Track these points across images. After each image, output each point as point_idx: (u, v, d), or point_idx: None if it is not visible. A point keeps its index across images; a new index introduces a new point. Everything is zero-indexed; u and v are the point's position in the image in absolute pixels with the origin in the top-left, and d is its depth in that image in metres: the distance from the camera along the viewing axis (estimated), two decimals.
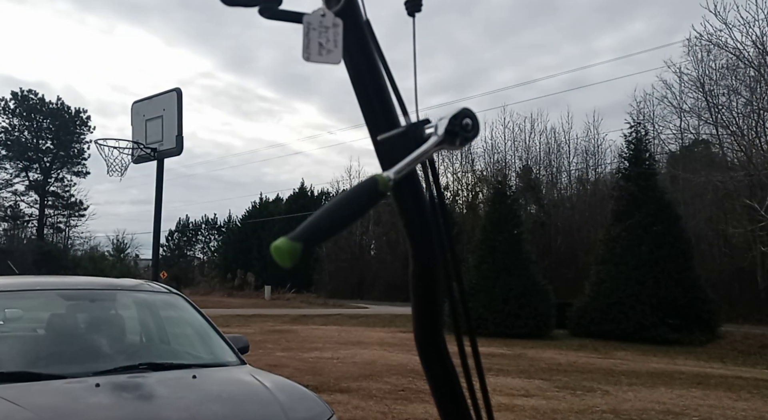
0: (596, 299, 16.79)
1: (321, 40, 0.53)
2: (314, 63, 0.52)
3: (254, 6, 0.55)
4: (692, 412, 6.93)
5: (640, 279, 16.25)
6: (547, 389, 8.17)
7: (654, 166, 18.86)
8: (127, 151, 8.16)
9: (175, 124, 7.66)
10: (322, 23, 0.53)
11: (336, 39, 0.53)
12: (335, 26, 0.53)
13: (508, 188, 20.70)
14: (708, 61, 21.54)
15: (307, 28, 0.53)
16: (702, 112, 21.95)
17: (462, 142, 0.51)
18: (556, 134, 32.64)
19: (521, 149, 32.50)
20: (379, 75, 0.57)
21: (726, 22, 19.49)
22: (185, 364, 3.41)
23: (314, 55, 0.52)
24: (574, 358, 12.00)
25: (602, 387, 8.47)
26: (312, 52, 0.52)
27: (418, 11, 0.57)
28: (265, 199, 47.61)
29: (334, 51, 0.53)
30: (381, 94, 0.57)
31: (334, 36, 0.53)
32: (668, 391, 8.36)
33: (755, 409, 7.25)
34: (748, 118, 20.36)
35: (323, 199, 43.38)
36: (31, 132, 44.16)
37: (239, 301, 31.56)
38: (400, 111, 0.57)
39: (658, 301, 15.82)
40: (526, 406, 6.90)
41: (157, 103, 7.89)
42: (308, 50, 0.52)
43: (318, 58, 0.52)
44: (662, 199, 17.27)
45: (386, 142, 0.55)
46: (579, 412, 6.76)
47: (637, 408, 7.04)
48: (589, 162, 31.49)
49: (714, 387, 8.84)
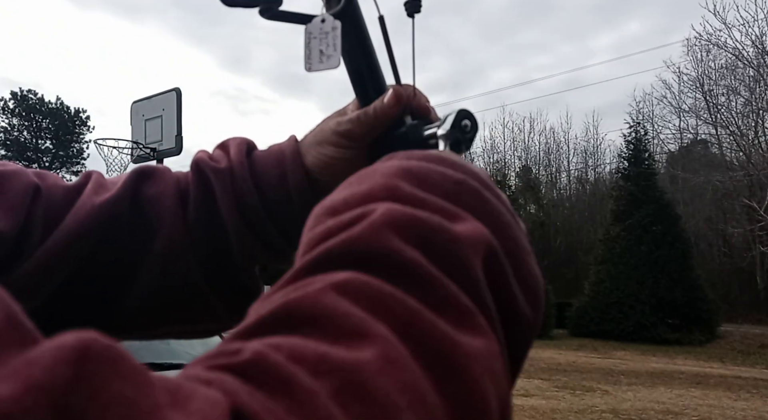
0: (596, 299, 16.82)
1: (321, 47, 0.53)
2: (315, 72, 0.53)
3: (254, 7, 0.55)
4: (691, 411, 6.94)
5: (639, 279, 16.27)
6: (546, 389, 8.17)
7: (653, 166, 18.90)
8: (126, 151, 8.16)
9: (174, 124, 7.66)
10: (322, 30, 0.54)
11: (335, 43, 0.53)
12: (334, 29, 0.54)
13: (508, 188, 20.74)
14: (707, 60, 21.57)
15: (308, 38, 0.53)
16: (701, 112, 21.98)
17: (467, 146, 0.50)
18: (555, 134, 32.64)
19: (520, 149, 32.50)
20: (379, 75, 0.57)
21: (725, 22, 19.54)
22: (185, 363, 3.41)
23: (315, 65, 0.53)
24: (573, 358, 12.01)
25: (602, 387, 8.48)
26: (314, 62, 0.53)
27: (417, 12, 0.57)
28: None
29: (333, 55, 0.53)
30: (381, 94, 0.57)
31: (333, 40, 0.53)
32: (667, 390, 8.37)
33: (754, 408, 7.26)
34: (747, 118, 20.39)
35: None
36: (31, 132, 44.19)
37: None
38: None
39: (658, 300, 15.83)
40: (525, 405, 6.91)
41: (157, 102, 7.88)
42: (310, 61, 0.53)
43: (319, 67, 0.53)
44: (661, 199, 17.29)
45: (386, 141, 0.55)
46: (578, 411, 6.76)
47: (636, 408, 7.05)
48: (588, 162, 31.52)
49: (713, 387, 8.85)
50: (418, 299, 0.26)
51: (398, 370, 0.23)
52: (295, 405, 0.21)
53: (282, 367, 0.22)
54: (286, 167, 0.59)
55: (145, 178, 0.58)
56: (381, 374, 0.22)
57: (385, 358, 0.23)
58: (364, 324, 0.24)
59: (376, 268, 0.27)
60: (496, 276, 0.30)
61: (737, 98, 20.55)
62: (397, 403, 0.22)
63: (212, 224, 0.57)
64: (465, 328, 0.26)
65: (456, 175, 0.34)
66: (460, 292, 0.27)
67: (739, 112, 20.51)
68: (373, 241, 0.28)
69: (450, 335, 0.25)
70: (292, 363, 0.22)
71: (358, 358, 0.23)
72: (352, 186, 0.34)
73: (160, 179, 0.58)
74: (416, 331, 0.25)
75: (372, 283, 0.26)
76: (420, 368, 0.24)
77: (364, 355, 0.23)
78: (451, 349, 0.25)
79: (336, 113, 0.60)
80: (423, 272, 0.27)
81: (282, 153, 0.60)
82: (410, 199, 0.31)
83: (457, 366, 0.25)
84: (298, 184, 0.58)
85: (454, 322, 0.26)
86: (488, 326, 0.28)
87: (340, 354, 0.23)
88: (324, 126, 0.60)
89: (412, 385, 0.23)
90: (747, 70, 19.69)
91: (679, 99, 23.47)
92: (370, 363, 0.22)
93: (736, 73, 20.23)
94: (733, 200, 20.32)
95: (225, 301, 0.59)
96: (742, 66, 19.73)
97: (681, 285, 16.06)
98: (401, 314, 0.25)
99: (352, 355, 0.23)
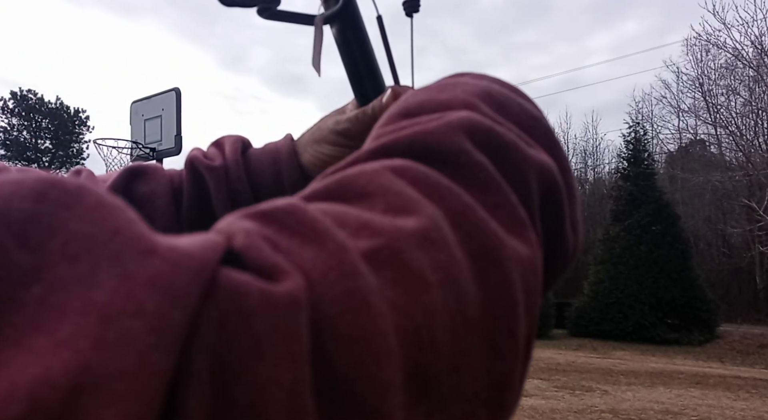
0: (595, 299, 16.81)
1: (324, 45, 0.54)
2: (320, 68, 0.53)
3: (252, 7, 0.55)
4: (691, 411, 6.94)
5: (638, 279, 16.27)
6: (545, 389, 8.17)
7: (653, 166, 18.87)
8: (125, 151, 8.16)
9: (173, 124, 7.66)
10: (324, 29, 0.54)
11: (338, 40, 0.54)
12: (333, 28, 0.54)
13: None
14: (707, 60, 21.58)
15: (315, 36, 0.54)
16: (701, 112, 21.98)
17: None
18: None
19: None
20: (377, 75, 0.57)
21: (725, 22, 19.55)
22: None
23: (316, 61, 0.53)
24: (572, 358, 12.01)
25: (601, 387, 8.48)
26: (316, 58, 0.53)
27: (416, 12, 0.57)
28: None
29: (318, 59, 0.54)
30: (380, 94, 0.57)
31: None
32: (667, 390, 8.37)
33: (754, 408, 7.26)
34: (746, 118, 20.38)
35: None
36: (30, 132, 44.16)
37: None
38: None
39: (657, 300, 15.84)
40: (524, 405, 6.91)
41: (156, 102, 7.88)
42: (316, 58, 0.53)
43: (317, 63, 0.53)
44: (661, 199, 17.28)
45: None
46: (578, 411, 6.76)
47: (635, 408, 7.05)
48: (587, 162, 31.52)
49: (713, 387, 8.85)
50: (476, 198, 0.26)
51: (437, 249, 0.23)
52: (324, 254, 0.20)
53: (319, 222, 0.21)
54: (282, 165, 0.58)
55: (137, 177, 0.58)
56: (419, 248, 0.22)
57: (426, 236, 0.23)
58: (416, 203, 0.24)
59: (442, 164, 0.27)
60: (554, 207, 0.31)
61: (736, 98, 20.56)
62: (427, 277, 0.22)
63: (206, 222, 0.56)
64: (515, 235, 0.26)
65: (534, 111, 0.34)
66: (519, 204, 0.28)
67: (738, 112, 20.52)
68: (446, 138, 0.28)
69: (500, 235, 0.25)
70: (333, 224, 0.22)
71: (399, 228, 0.23)
72: (431, 92, 0.33)
73: (152, 177, 0.58)
74: (468, 222, 0.25)
75: (431, 173, 0.26)
76: (463, 255, 0.24)
77: (408, 227, 0.23)
78: (498, 247, 0.25)
79: (335, 112, 0.60)
80: (488, 177, 0.27)
81: (277, 151, 0.60)
82: (488, 116, 0.31)
83: (499, 264, 0.25)
84: (294, 182, 0.58)
85: (508, 226, 0.26)
86: (536, 241, 0.28)
87: (383, 222, 0.23)
88: (322, 125, 0.60)
89: (447, 266, 0.23)
90: (746, 70, 19.69)
91: (678, 99, 23.50)
92: (412, 235, 0.22)
93: (736, 73, 20.24)
94: (732, 200, 20.32)
95: None
96: (742, 66, 19.73)
97: (680, 285, 16.06)
98: (455, 206, 0.25)
99: (395, 224, 0.23)
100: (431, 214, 0.24)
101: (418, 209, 0.24)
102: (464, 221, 0.25)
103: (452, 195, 0.25)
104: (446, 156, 0.27)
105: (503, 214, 0.27)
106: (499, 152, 0.29)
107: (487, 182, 0.27)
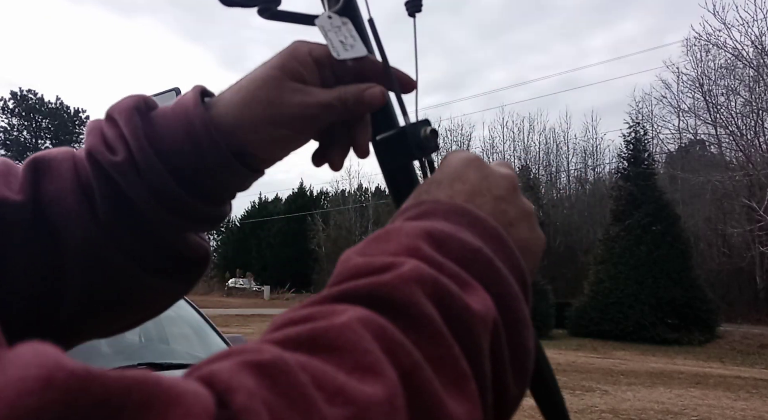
0: (595, 299, 16.82)
1: (341, 38, 0.53)
2: (345, 59, 0.53)
3: (253, 6, 0.55)
4: (691, 411, 6.94)
5: (639, 279, 16.28)
6: None
7: (653, 166, 18.90)
8: None
9: None
10: (333, 24, 0.54)
11: (353, 34, 0.54)
12: (344, 24, 0.54)
13: None
14: (707, 60, 21.58)
15: (323, 31, 0.53)
16: (701, 112, 21.99)
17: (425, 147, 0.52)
18: (554, 134, 32.72)
19: (520, 149, 32.50)
20: None
21: (725, 22, 19.55)
22: (184, 364, 3.41)
23: (342, 53, 0.53)
24: (573, 358, 12.01)
25: (601, 387, 8.49)
26: (339, 50, 0.53)
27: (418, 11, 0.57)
28: (264, 199, 47.63)
29: (356, 45, 0.53)
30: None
31: (349, 31, 0.54)
32: (667, 390, 8.37)
33: (754, 408, 7.26)
34: (746, 117, 20.38)
35: (322, 199, 43.36)
36: (30, 132, 44.21)
37: (238, 301, 31.56)
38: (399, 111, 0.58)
39: (657, 300, 15.84)
40: (524, 405, 6.85)
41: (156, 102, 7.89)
42: (336, 49, 0.52)
43: (346, 54, 0.53)
44: (661, 199, 17.30)
45: (385, 142, 0.55)
46: (578, 411, 6.76)
47: (636, 408, 7.05)
48: (587, 162, 31.55)
49: (713, 387, 8.85)
50: (423, 351, 0.29)
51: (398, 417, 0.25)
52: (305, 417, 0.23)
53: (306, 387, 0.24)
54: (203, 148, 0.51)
55: (42, 174, 0.52)
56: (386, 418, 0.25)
57: (391, 404, 0.25)
58: (379, 364, 0.26)
59: (396, 314, 0.30)
60: (494, 347, 0.33)
61: (736, 98, 20.57)
62: None
63: (128, 215, 0.52)
64: (455, 392, 0.29)
65: (473, 243, 0.36)
66: (461, 356, 0.30)
67: (738, 112, 20.52)
68: (399, 291, 0.31)
69: (440, 396, 0.28)
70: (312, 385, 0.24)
71: (370, 397, 0.25)
72: (380, 242, 0.37)
73: (56, 173, 0.52)
74: (414, 383, 0.27)
75: (388, 327, 0.29)
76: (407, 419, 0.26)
77: (376, 395, 0.25)
78: (437, 409, 0.27)
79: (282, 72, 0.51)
80: (434, 329, 0.30)
81: (189, 123, 0.53)
82: (430, 260, 0.34)
83: None
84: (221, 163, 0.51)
85: (449, 380, 0.29)
86: (478, 393, 0.30)
87: (356, 388, 0.25)
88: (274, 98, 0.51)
89: None
90: (746, 70, 19.71)
91: (678, 99, 23.51)
92: (379, 405, 0.25)
93: (736, 73, 20.25)
94: (732, 200, 20.32)
95: (166, 277, 0.55)
96: (742, 66, 19.75)
97: (680, 285, 16.07)
98: (406, 364, 0.28)
99: (365, 391, 0.25)
100: (391, 379, 0.26)
101: (382, 371, 0.26)
102: (413, 383, 0.27)
103: (404, 352, 0.28)
104: (399, 307, 0.30)
105: (446, 367, 0.29)
106: (444, 303, 0.31)
107: (434, 335, 0.30)
